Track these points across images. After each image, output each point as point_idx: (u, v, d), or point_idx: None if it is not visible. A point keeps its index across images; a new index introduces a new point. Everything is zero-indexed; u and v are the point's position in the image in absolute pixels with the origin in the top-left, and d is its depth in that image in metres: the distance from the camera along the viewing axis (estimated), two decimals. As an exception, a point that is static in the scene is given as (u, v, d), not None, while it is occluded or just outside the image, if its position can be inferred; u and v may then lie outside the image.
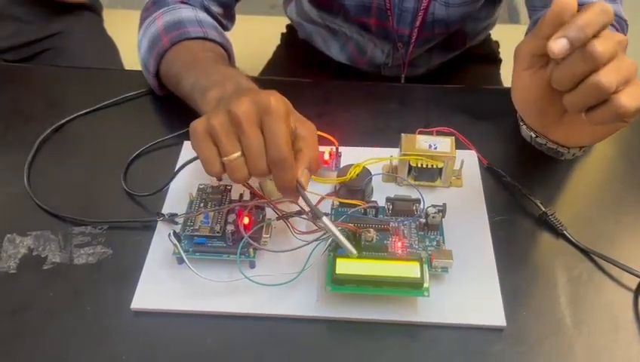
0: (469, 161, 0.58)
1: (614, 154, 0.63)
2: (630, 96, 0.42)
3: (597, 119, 0.43)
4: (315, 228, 0.48)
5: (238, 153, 0.43)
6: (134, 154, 0.61)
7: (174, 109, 0.68)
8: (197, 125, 0.45)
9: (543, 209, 0.54)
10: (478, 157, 0.59)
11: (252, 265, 0.49)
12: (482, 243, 0.51)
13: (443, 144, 0.55)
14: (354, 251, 0.44)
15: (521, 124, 0.56)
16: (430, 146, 0.54)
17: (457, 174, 0.57)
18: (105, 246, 0.52)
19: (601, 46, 0.40)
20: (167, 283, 0.49)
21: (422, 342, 0.45)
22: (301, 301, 0.47)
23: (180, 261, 0.48)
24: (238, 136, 0.43)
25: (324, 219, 0.44)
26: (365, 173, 0.53)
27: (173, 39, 0.63)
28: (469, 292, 0.48)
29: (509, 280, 0.49)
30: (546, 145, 0.54)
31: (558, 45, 0.41)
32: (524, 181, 0.57)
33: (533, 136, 0.54)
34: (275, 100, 0.43)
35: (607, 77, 0.41)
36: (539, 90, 0.49)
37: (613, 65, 0.41)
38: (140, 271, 0.50)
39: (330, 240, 0.48)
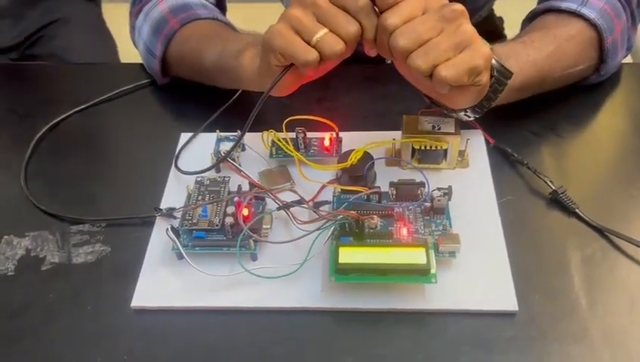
0: (474, 141, 0.56)
1: (625, 129, 0.60)
2: (447, 66, 0.43)
3: (437, 87, 0.44)
4: (317, 217, 0.47)
5: (325, 29, 0.44)
6: (131, 149, 0.60)
7: (172, 101, 0.67)
8: (274, 27, 0.45)
9: (554, 187, 0.52)
10: (484, 136, 0.57)
11: (254, 258, 0.48)
12: (491, 225, 0.50)
13: (447, 124, 0.53)
14: None
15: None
16: (434, 127, 0.53)
17: (463, 155, 0.55)
18: (103, 244, 0.51)
19: (390, 18, 0.43)
20: (167, 280, 0.47)
21: (431, 330, 0.44)
22: (305, 292, 0.46)
23: (180, 256, 0.47)
24: (317, 18, 0.44)
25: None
26: (367, 158, 0.51)
27: (182, 20, 0.62)
28: (478, 276, 0.46)
29: (519, 262, 0.47)
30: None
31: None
32: (533, 159, 0.55)
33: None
34: None
35: (395, 40, 0.43)
36: (406, 70, 0.49)
37: (406, 27, 0.43)
38: (139, 268, 0.48)
39: (332, 229, 0.46)
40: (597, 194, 0.53)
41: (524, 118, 0.60)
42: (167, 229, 0.47)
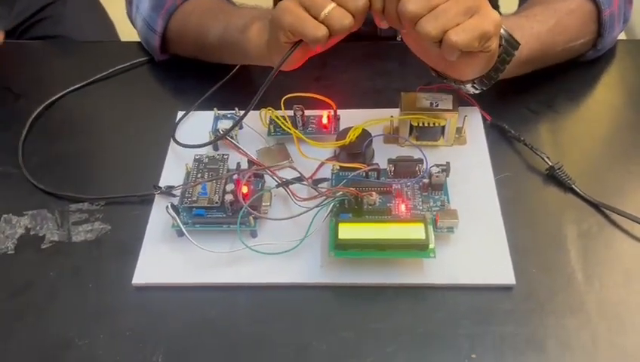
0: (472, 118, 0.56)
1: (622, 105, 0.61)
2: (457, 31, 0.42)
3: (446, 53, 0.44)
4: (317, 193, 0.47)
5: (332, 4, 0.44)
6: (129, 127, 0.59)
7: (169, 79, 0.66)
8: (283, 3, 0.45)
9: (550, 163, 0.52)
10: (481, 113, 0.57)
11: (253, 234, 0.48)
12: (488, 201, 0.50)
13: (445, 101, 0.53)
14: None
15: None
16: (432, 104, 0.53)
17: (460, 132, 0.55)
18: (103, 222, 0.51)
19: None
20: (167, 257, 0.48)
21: (430, 305, 0.44)
22: (305, 268, 0.46)
23: (180, 233, 0.47)
24: None
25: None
26: (365, 135, 0.51)
27: None
28: (476, 251, 0.46)
29: (517, 237, 0.48)
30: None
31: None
32: (530, 135, 0.55)
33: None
34: None
35: (403, 6, 0.42)
36: (414, 42, 0.50)
37: None
38: (139, 245, 0.49)
39: (331, 206, 0.46)
40: (593, 170, 0.53)
41: (521, 95, 0.60)
42: (168, 207, 0.47)
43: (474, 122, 0.56)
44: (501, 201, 0.50)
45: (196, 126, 0.58)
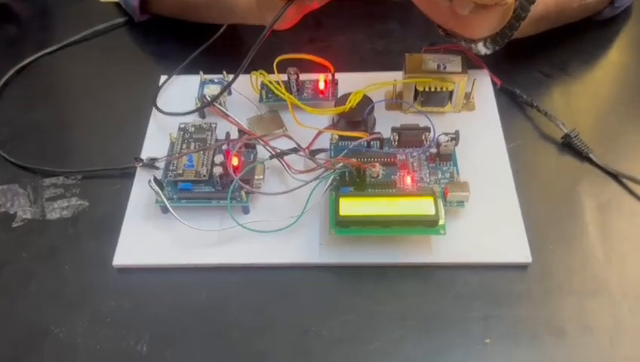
0: (480, 82, 0.52)
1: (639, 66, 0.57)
2: None
3: (458, 7, 0.41)
4: (314, 165, 0.43)
5: None
6: (107, 94, 0.55)
7: (149, 41, 0.61)
8: None
9: (565, 130, 0.48)
10: (490, 77, 0.53)
11: (246, 211, 0.44)
12: (500, 172, 0.46)
13: (453, 63, 0.48)
14: None
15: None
16: (439, 66, 0.48)
17: (469, 97, 0.51)
18: (80, 197, 0.47)
19: None
20: (151, 236, 0.44)
21: (438, 285, 0.41)
22: (303, 247, 0.42)
23: (165, 210, 0.43)
24: None
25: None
26: (366, 102, 0.47)
27: None
28: (488, 226, 0.43)
29: (531, 211, 0.44)
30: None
31: None
32: (543, 101, 0.51)
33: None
34: None
35: None
36: None
37: None
38: (120, 223, 0.44)
39: (331, 179, 0.42)
40: (611, 137, 0.49)
41: (532, 58, 0.55)
42: (150, 181, 0.43)
43: (483, 87, 0.52)
44: (513, 172, 0.46)
45: (180, 92, 0.53)
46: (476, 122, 0.50)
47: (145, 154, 0.48)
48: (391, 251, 0.42)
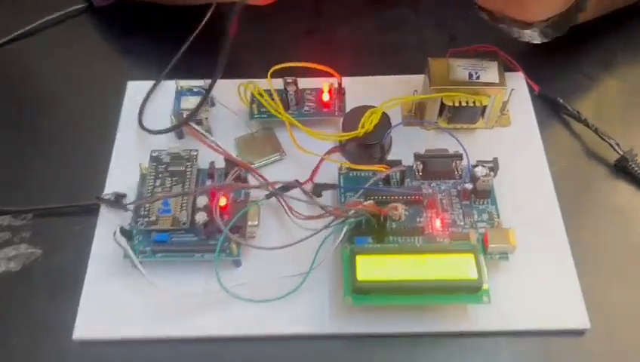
0: (515, 88, 0.43)
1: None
2: None
3: None
4: (323, 211, 0.34)
5: None
6: (63, 103, 0.45)
7: (114, 34, 0.51)
8: None
9: (621, 152, 0.40)
10: (527, 81, 0.44)
11: (237, 264, 0.36)
12: (546, 207, 0.38)
13: (488, 71, 0.39)
14: None
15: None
16: (470, 75, 0.39)
17: (504, 109, 0.42)
18: (31, 244, 0.38)
19: None
20: (121, 299, 0.35)
21: (479, 356, 0.33)
22: (309, 315, 0.34)
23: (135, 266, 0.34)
24: None
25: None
26: (385, 123, 0.38)
27: None
28: (536, 284, 0.35)
29: (585, 259, 0.36)
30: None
31: None
32: (589, 111, 0.42)
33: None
34: None
35: None
36: None
37: None
38: (82, 277, 0.36)
39: (345, 229, 0.34)
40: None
41: (575, 57, 0.47)
42: (115, 233, 0.34)
43: (518, 93, 0.43)
44: (560, 206, 0.38)
45: (153, 104, 0.44)
46: (512, 140, 0.41)
47: (110, 187, 0.39)
48: (418, 317, 0.34)
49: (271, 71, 0.38)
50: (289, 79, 0.40)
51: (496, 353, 0.33)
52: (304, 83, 0.41)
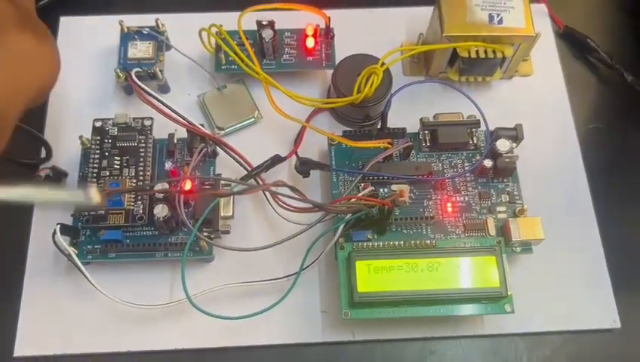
0: (537, 26, 0.35)
1: None
2: None
3: None
4: (310, 206, 0.28)
5: None
6: None
7: None
8: None
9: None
10: (550, 16, 0.36)
11: (209, 260, 0.30)
12: (574, 186, 0.32)
13: (511, 11, 0.32)
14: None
15: None
16: (492, 18, 0.31)
17: (526, 54, 0.35)
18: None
19: None
20: (67, 310, 0.29)
21: (499, 359, 0.29)
22: (298, 325, 0.29)
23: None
24: None
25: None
26: (386, 82, 0.31)
27: None
28: (563, 282, 0.30)
29: (615, 248, 0.31)
30: None
31: None
32: (629, 55, 0.36)
33: None
34: None
35: None
36: None
37: None
38: (20, 281, 0.29)
39: (341, 227, 0.27)
40: None
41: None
42: (55, 233, 0.27)
43: (540, 32, 0.36)
44: (589, 182, 0.32)
45: (91, 47, 0.35)
46: (536, 95, 0.35)
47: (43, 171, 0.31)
48: (432, 320, 0.29)
49: (241, 15, 0.30)
50: (264, 21, 0.32)
51: (517, 356, 0.29)
52: (282, 23, 0.33)
